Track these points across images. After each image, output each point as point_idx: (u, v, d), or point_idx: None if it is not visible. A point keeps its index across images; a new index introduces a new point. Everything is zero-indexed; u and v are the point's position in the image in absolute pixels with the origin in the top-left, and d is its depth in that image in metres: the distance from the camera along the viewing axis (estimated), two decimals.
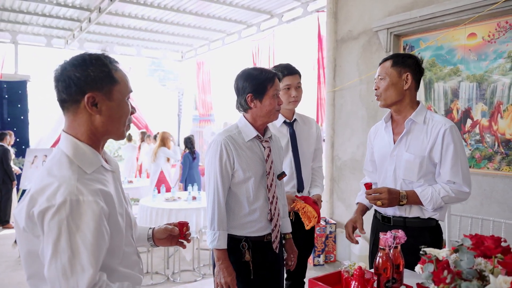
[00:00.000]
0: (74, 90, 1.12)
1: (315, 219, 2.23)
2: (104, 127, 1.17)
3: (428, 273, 1.07)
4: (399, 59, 1.91)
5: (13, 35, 7.97)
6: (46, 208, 1.01)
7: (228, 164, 1.84)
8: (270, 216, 1.91)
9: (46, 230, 1.02)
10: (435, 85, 3.63)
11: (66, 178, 1.06)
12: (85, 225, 1.03)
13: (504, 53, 3.13)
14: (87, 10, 6.49)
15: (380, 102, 1.95)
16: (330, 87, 4.56)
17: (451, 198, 1.82)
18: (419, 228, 1.89)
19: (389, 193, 1.82)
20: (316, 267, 4.32)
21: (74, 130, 1.16)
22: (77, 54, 1.18)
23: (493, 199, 3.19)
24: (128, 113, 1.23)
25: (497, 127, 3.21)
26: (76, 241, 1.02)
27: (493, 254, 1.05)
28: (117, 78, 1.18)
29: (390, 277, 1.40)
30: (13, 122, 8.03)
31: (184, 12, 6.53)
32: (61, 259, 1.01)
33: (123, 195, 1.28)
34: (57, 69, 1.15)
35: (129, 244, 1.25)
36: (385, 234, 1.41)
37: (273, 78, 1.86)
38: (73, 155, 1.12)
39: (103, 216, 1.08)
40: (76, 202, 1.02)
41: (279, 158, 2.03)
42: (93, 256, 1.03)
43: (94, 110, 1.14)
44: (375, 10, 4.04)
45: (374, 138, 2.13)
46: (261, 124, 1.92)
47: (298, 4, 6.04)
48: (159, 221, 4.30)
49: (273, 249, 1.94)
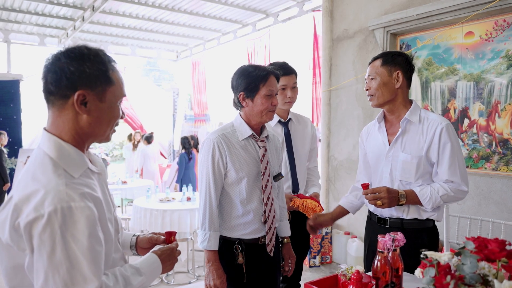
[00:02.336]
0: (64, 84, 1.02)
1: (318, 207, 2.19)
2: (90, 128, 1.07)
3: (429, 278, 1.02)
4: (388, 58, 1.87)
5: (5, 34, 7.87)
6: (34, 218, 0.92)
7: (221, 163, 1.80)
8: (264, 218, 1.86)
9: (37, 244, 0.92)
10: (431, 85, 3.59)
11: (53, 184, 0.96)
12: (81, 233, 0.94)
13: (501, 51, 3.10)
14: (81, 9, 6.42)
15: (373, 102, 1.91)
16: (325, 87, 4.52)
17: (450, 197, 1.79)
18: (416, 230, 1.85)
19: (388, 192, 1.77)
20: (312, 268, 4.28)
21: (58, 128, 1.06)
22: (73, 46, 1.06)
23: (491, 200, 3.16)
24: (118, 117, 1.13)
25: (495, 126, 3.18)
26: (74, 251, 0.93)
27: (498, 258, 1.00)
28: (113, 79, 1.08)
29: (389, 281, 1.35)
30: (6, 122, 7.93)
31: (179, 11, 6.47)
32: (59, 272, 0.92)
33: (110, 198, 1.19)
34: (49, 58, 1.05)
35: (117, 250, 1.18)
36: (383, 236, 1.37)
37: (266, 77, 1.79)
38: (57, 157, 1.02)
39: (97, 221, 1.00)
40: (68, 210, 0.94)
41: (276, 159, 1.98)
42: (93, 264, 0.96)
43: (83, 109, 1.04)
44: (371, 8, 4.00)
45: (366, 139, 2.09)
46: (255, 123, 1.86)
47: (293, 3, 6.00)
48: (153, 222, 4.25)
49: (268, 252, 1.89)
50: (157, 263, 1.20)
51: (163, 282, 4.06)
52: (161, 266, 1.21)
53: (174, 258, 1.27)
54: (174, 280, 4.09)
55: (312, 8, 5.74)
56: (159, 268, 1.20)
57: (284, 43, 7.30)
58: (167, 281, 4.08)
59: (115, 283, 1.04)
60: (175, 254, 1.28)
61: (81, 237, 0.94)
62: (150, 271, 1.16)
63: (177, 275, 4.19)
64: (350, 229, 4.38)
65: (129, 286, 1.08)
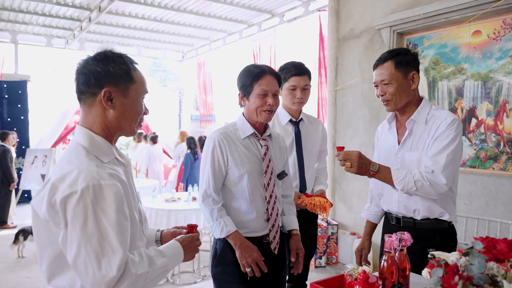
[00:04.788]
0: (93, 83, 1.17)
1: (326, 203, 2.17)
2: (116, 122, 1.21)
3: (437, 278, 1.01)
4: (400, 59, 1.79)
5: (13, 34, 7.94)
6: (69, 194, 1.04)
7: (222, 160, 1.81)
8: (267, 216, 1.86)
9: (70, 217, 1.04)
10: (439, 84, 3.56)
11: (85, 165, 1.10)
12: (109, 207, 1.06)
13: (510, 50, 3.06)
14: (87, 10, 6.46)
15: (389, 107, 1.84)
16: (331, 87, 4.50)
17: (425, 187, 1.69)
18: (429, 230, 1.81)
19: (359, 157, 1.71)
20: (318, 269, 4.26)
21: (89, 122, 1.20)
22: (99, 50, 1.23)
23: (499, 200, 3.12)
24: (141, 112, 1.27)
25: (503, 126, 3.14)
26: (103, 223, 1.05)
27: (506, 258, 0.99)
28: (135, 78, 1.22)
29: (396, 282, 1.34)
30: (13, 122, 7.99)
31: (184, 12, 6.49)
32: (90, 242, 1.04)
33: (134, 189, 1.29)
34: (80, 62, 1.21)
35: (141, 239, 1.27)
36: (390, 236, 1.35)
37: (259, 75, 1.78)
38: (89, 145, 1.16)
39: (124, 198, 1.11)
40: (99, 187, 1.06)
41: (280, 158, 1.97)
42: (121, 235, 1.07)
43: (109, 104, 1.18)
44: (377, 8, 3.98)
45: (379, 139, 2.07)
46: (256, 122, 1.86)
47: (299, 3, 5.99)
48: (159, 222, 4.25)
49: (272, 250, 1.88)
50: (179, 249, 1.30)
51: (168, 282, 4.06)
52: (183, 252, 1.30)
53: (195, 247, 1.37)
54: (180, 280, 4.09)
55: (318, 8, 5.73)
56: (181, 253, 1.30)
57: (289, 43, 7.30)
58: (173, 280, 4.09)
59: (140, 259, 1.14)
60: (196, 243, 1.38)
61: (110, 211, 1.06)
62: (172, 255, 1.26)
63: (182, 275, 4.20)
64: (356, 229, 4.36)
65: (153, 264, 1.17)
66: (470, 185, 3.29)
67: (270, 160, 1.86)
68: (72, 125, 9.01)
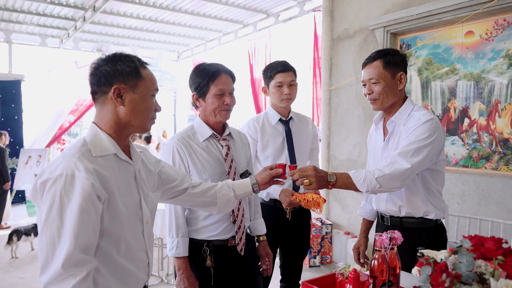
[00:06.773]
0: (103, 82, 1.23)
1: (319, 198, 2.16)
2: (127, 118, 1.24)
3: (425, 276, 1.02)
4: (389, 59, 1.80)
5: (7, 34, 7.89)
6: (47, 179, 1.10)
7: (182, 167, 1.76)
8: (233, 218, 1.81)
9: (43, 201, 1.10)
10: (432, 84, 3.59)
11: (70, 156, 1.15)
12: (74, 199, 1.09)
13: (502, 51, 3.09)
14: (82, 9, 6.43)
15: (376, 105, 1.84)
16: (326, 86, 4.52)
17: (388, 177, 1.64)
18: (416, 229, 1.82)
19: (315, 171, 1.63)
20: (312, 268, 4.27)
21: (100, 120, 1.26)
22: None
23: (491, 199, 3.15)
24: (152, 108, 1.30)
25: (495, 126, 3.17)
26: (66, 213, 1.08)
27: (494, 256, 1.00)
28: (143, 75, 1.27)
29: (386, 280, 1.35)
30: (7, 122, 7.94)
31: (180, 11, 6.48)
32: (51, 227, 1.07)
33: (140, 189, 1.31)
34: (91, 66, 1.27)
35: (136, 238, 1.28)
36: (380, 235, 1.36)
37: (215, 75, 1.74)
38: (89, 139, 1.22)
39: (94, 195, 1.11)
40: (71, 177, 1.10)
41: (243, 156, 1.93)
42: (73, 231, 1.07)
43: (119, 101, 1.23)
44: (371, 8, 4.00)
45: (369, 139, 2.08)
46: (214, 123, 1.82)
47: (294, 3, 6.00)
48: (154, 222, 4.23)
49: (239, 252, 1.83)
50: None
51: (163, 282, 4.06)
52: None
53: None
54: (175, 280, 4.08)
55: (313, 8, 5.74)
56: None
57: (284, 43, 7.29)
58: (167, 280, 4.08)
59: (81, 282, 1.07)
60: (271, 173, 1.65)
61: (74, 203, 1.08)
62: None
63: None
64: (350, 229, 4.37)
65: None
66: (463, 185, 3.31)
67: (233, 160, 1.82)
68: (67, 125, 8.97)
